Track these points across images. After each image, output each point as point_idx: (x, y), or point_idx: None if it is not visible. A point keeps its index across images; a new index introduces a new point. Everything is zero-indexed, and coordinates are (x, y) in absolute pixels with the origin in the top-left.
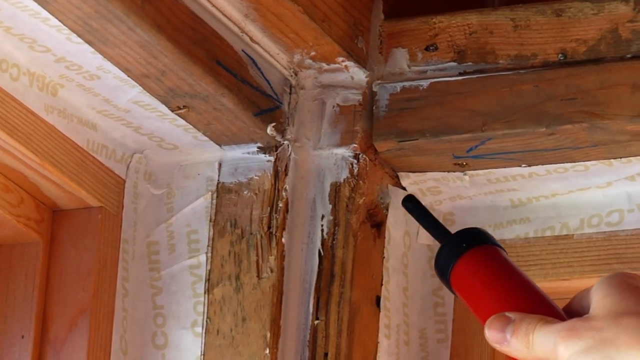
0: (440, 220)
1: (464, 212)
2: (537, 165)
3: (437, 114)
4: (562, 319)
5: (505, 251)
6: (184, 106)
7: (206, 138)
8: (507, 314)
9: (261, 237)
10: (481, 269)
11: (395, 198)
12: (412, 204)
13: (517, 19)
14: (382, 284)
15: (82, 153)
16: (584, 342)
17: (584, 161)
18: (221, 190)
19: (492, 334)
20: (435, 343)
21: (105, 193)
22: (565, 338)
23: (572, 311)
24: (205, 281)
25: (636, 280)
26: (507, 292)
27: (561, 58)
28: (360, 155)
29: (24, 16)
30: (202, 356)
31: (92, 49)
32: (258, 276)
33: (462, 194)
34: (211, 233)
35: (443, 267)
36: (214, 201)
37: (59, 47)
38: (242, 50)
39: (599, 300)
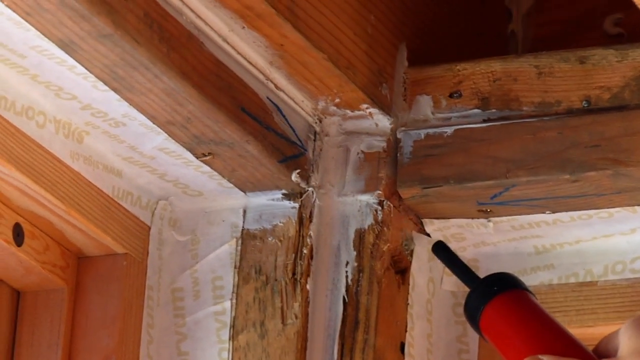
0: None
1: (488, 258)
2: (561, 212)
3: (461, 160)
4: None
5: (534, 296)
6: (209, 153)
7: (231, 185)
8: (540, 356)
9: (286, 283)
10: (512, 312)
11: (420, 245)
12: (441, 250)
13: (540, 66)
14: (406, 331)
15: (107, 200)
16: None
17: (607, 208)
18: (246, 237)
19: None
20: None
21: (130, 240)
22: None
23: (600, 353)
24: (230, 327)
25: None
26: (538, 335)
27: (585, 105)
28: (384, 202)
29: (50, 64)
30: None
31: (117, 97)
32: (283, 322)
33: (486, 240)
34: (236, 279)
35: (473, 310)
36: (239, 248)
37: (85, 94)
38: (267, 97)
39: (626, 341)
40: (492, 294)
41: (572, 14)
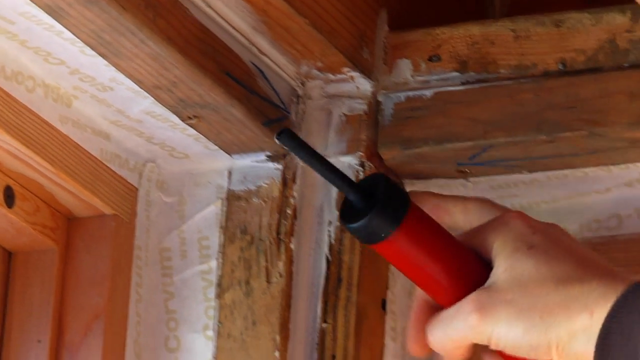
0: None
1: None
2: (537, 172)
3: (440, 122)
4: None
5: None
6: (194, 116)
7: (216, 147)
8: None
9: (270, 243)
10: (421, 237)
11: None
12: (290, 140)
13: (517, 29)
14: (387, 288)
15: (96, 162)
16: (501, 317)
17: (583, 167)
18: (231, 198)
19: (412, 349)
20: None
21: (118, 201)
22: (481, 319)
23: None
24: (216, 286)
25: (534, 231)
26: (449, 262)
27: (561, 67)
28: (365, 163)
29: (38, 29)
30: (214, 359)
31: (105, 62)
32: (267, 281)
33: None
34: (221, 239)
35: (374, 232)
36: (224, 208)
37: (73, 59)
38: (251, 62)
39: (501, 267)
40: (399, 217)
41: None
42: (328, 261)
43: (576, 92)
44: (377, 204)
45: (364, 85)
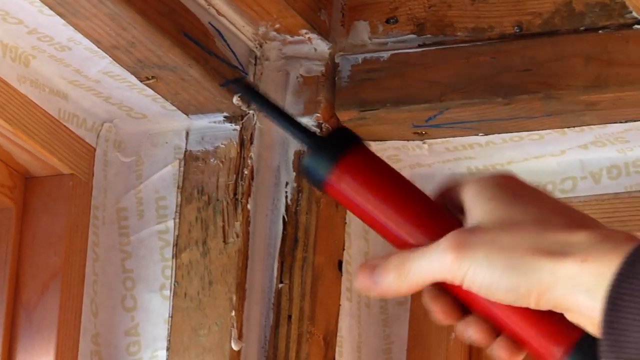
0: None
1: (423, 179)
2: (493, 134)
3: (397, 84)
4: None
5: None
6: (152, 77)
7: (174, 108)
8: (370, 262)
9: (227, 203)
10: (367, 174)
11: None
12: (244, 89)
13: None
14: (344, 249)
15: (53, 122)
16: (479, 255)
17: (538, 130)
18: (188, 158)
19: (361, 283)
20: (395, 305)
21: (76, 161)
22: (458, 256)
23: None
24: (173, 246)
25: (518, 183)
26: (401, 199)
27: (517, 30)
28: (322, 124)
29: None
30: (170, 318)
31: (63, 21)
32: (224, 241)
33: (421, 162)
34: (179, 200)
35: (319, 168)
36: (182, 169)
37: (31, 19)
38: (209, 23)
39: (480, 208)
40: (342, 151)
41: None
42: (285, 222)
43: (532, 55)
44: (323, 144)
45: (322, 47)
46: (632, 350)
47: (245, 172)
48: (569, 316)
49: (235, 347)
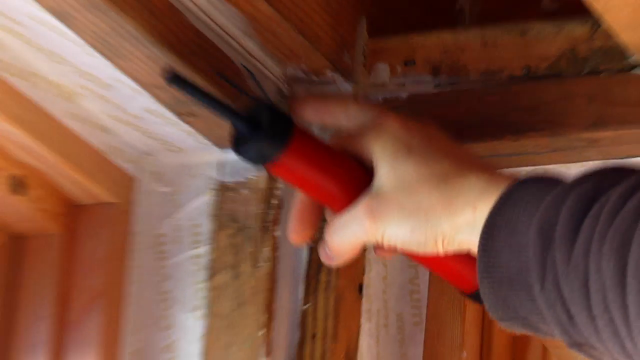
0: None
1: None
2: (504, 168)
3: None
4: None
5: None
6: (189, 113)
7: (209, 142)
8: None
9: (257, 230)
10: (308, 156)
11: None
12: (178, 82)
13: (486, 37)
14: (364, 273)
15: (98, 154)
16: (390, 219)
17: (544, 164)
18: (222, 189)
19: (322, 259)
20: (411, 326)
21: (118, 190)
22: (373, 222)
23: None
24: (207, 269)
25: (412, 134)
26: (335, 174)
27: (525, 73)
28: None
29: (43, 30)
30: (204, 337)
31: (107, 62)
32: (254, 265)
33: None
34: (212, 226)
35: (263, 155)
36: (215, 198)
37: (77, 59)
38: (241, 64)
39: (384, 172)
40: (284, 140)
41: None
42: (310, 248)
43: (539, 95)
44: (263, 129)
45: (345, 86)
46: (502, 270)
47: (274, 202)
48: (473, 253)
49: None
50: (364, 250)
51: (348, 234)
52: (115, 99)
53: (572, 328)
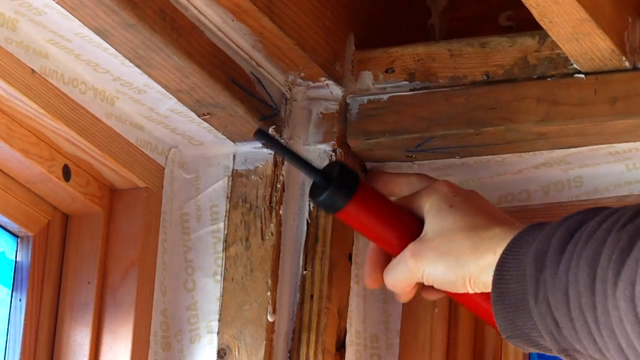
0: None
1: None
2: (467, 157)
3: (393, 119)
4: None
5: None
6: (207, 113)
7: (224, 137)
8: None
9: (264, 209)
10: (370, 207)
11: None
12: (265, 137)
13: (452, 49)
14: (353, 244)
15: (132, 147)
16: (428, 260)
17: (501, 154)
18: (235, 175)
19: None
20: None
21: (149, 177)
22: (415, 262)
23: (408, 208)
24: (223, 242)
25: (455, 195)
26: (391, 224)
27: (485, 78)
28: (337, 150)
29: (89, 46)
30: (221, 297)
31: (139, 71)
32: (262, 238)
33: None
34: (227, 207)
35: (333, 204)
36: (230, 183)
37: (115, 69)
38: (251, 72)
39: (429, 222)
40: (351, 193)
41: (476, 11)
42: (308, 224)
43: (496, 97)
44: (333, 183)
45: (336, 90)
46: (510, 296)
47: (278, 186)
48: None
49: (270, 319)
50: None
51: (397, 273)
52: (146, 101)
53: (558, 334)
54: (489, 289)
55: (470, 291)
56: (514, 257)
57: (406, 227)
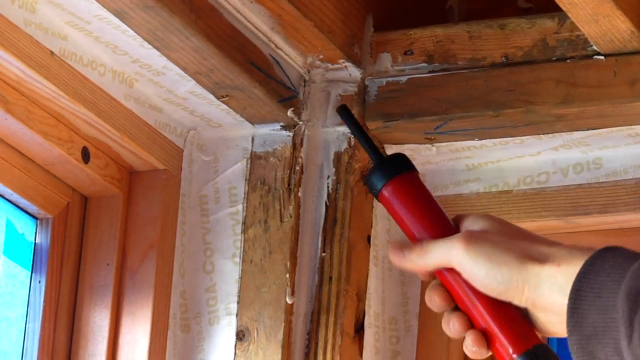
0: None
1: (432, 173)
2: (485, 139)
3: (412, 101)
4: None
5: (419, 174)
6: (226, 95)
7: (243, 119)
8: (401, 242)
9: (283, 192)
10: (407, 192)
11: None
12: (345, 114)
13: (471, 31)
14: (372, 226)
15: (151, 130)
16: (485, 248)
17: (520, 136)
18: (254, 157)
19: (393, 255)
20: None
21: (168, 159)
22: (468, 246)
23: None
24: (242, 224)
25: (497, 219)
26: (426, 214)
27: (504, 60)
28: None
29: (108, 28)
30: (240, 279)
31: (158, 53)
32: (281, 220)
33: (430, 160)
34: (246, 189)
35: (375, 184)
36: (249, 165)
37: (134, 51)
38: (269, 54)
39: (485, 221)
40: (394, 174)
41: None
42: (327, 206)
43: (515, 79)
44: (379, 166)
45: (355, 72)
46: (589, 328)
47: (297, 168)
48: (542, 316)
49: (289, 301)
50: (371, 207)
51: (438, 250)
52: (165, 83)
53: None
54: (538, 309)
55: (517, 302)
56: (590, 286)
57: (443, 226)
